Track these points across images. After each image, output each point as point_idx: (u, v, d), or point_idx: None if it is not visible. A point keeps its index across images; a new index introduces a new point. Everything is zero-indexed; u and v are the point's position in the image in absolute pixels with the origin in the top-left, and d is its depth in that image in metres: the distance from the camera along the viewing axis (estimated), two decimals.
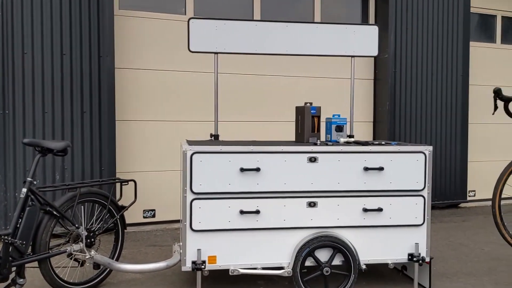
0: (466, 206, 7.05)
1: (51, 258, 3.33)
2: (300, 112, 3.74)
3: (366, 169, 3.45)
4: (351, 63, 4.20)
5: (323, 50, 4.03)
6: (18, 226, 3.12)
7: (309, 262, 3.41)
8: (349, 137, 3.96)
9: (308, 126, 3.65)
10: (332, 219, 3.45)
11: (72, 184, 3.57)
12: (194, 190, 3.28)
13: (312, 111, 3.66)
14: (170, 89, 5.66)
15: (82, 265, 3.50)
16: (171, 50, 5.64)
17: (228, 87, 5.88)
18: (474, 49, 7.16)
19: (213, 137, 3.96)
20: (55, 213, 3.30)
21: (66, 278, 3.49)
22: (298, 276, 3.37)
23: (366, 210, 3.47)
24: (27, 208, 3.16)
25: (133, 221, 5.43)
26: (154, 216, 5.62)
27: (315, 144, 3.55)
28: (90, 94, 5.06)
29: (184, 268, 3.31)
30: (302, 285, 3.37)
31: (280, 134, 6.03)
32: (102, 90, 5.10)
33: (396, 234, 3.53)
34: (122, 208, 3.75)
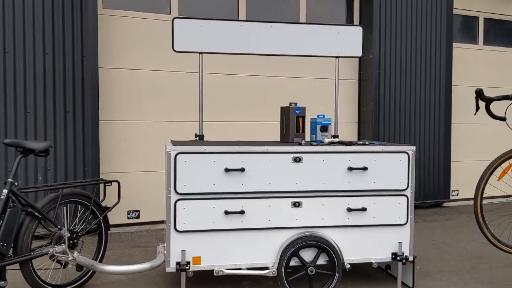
0: (449, 206, 7.13)
1: (33, 260, 3.29)
2: (285, 112, 3.75)
3: (350, 169, 3.47)
4: (336, 64, 4.22)
5: (308, 50, 4.04)
6: None
7: (294, 262, 3.42)
8: (333, 137, 3.98)
9: (293, 126, 3.66)
10: (316, 219, 3.46)
11: (54, 185, 3.53)
12: (178, 190, 3.26)
13: (297, 112, 3.66)
14: (155, 89, 5.62)
15: (64, 266, 3.47)
16: (156, 50, 5.61)
17: (213, 87, 5.87)
18: (457, 50, 7.25)
19: (197, 137, 3.95)
20: (37, 214, 3.26)
21: (49, 280, 3.45)
22: (283, 276, 3.37)
23: (350, 209, 3.49)
24: (8, 209, 3.12)
25: (117, 222, 5.39)
26: (138, 217, 5.58)
27: (300, 144, 3.56)
28: (73, 94, 5.01)
29: (168, 269, 3.29)
30: (287, 285, 3.38)
31: (265, 134, 6.04)
32: (85, 90, 5.05)
33: (380, 233, 3.56)
34: (106, 209, 3.72)
